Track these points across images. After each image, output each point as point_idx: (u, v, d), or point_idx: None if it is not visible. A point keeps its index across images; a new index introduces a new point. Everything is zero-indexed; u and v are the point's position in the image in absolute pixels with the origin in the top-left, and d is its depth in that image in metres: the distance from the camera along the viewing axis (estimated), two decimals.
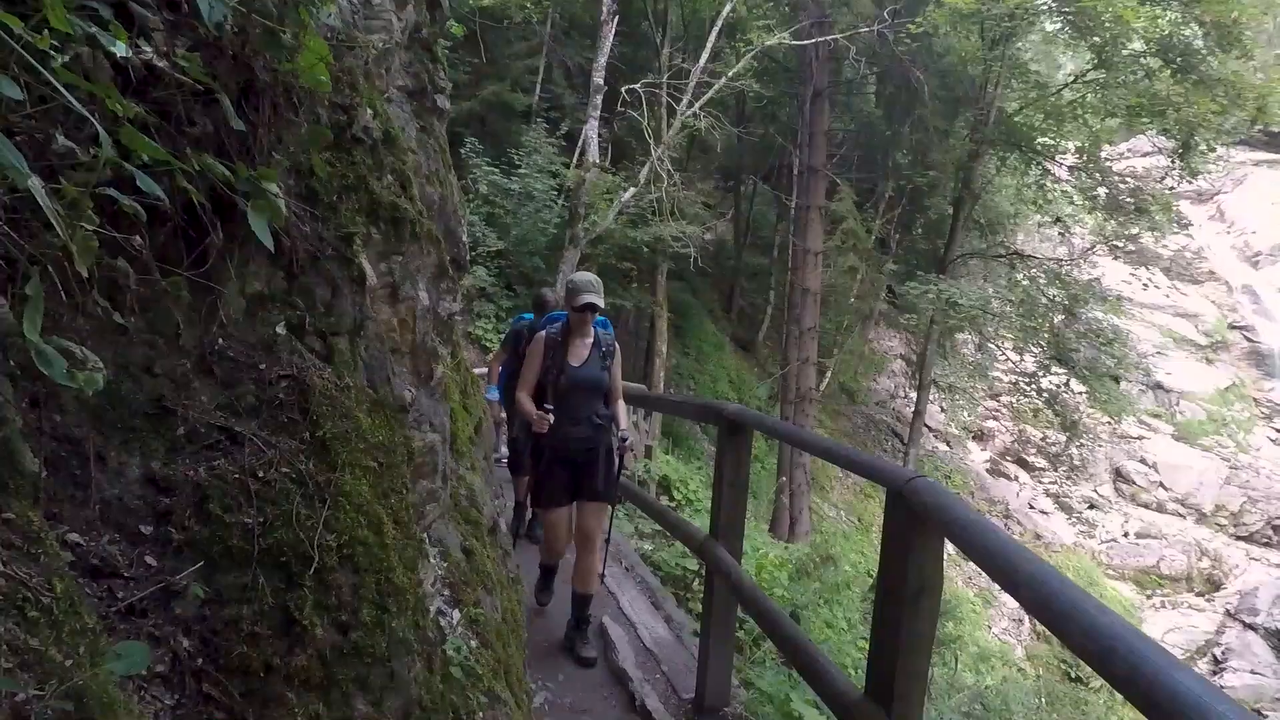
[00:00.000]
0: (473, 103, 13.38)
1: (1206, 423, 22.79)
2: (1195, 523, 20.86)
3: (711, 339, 21.37)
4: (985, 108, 12.17)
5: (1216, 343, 25.21)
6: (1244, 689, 16.69)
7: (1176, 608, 18.61)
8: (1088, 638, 0.92)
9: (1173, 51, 11.05)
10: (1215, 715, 0.71)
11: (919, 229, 16.92)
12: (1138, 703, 0.80)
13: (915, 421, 13.73)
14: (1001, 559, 1.18)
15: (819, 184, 14.21)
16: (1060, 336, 13.25)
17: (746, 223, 23.05)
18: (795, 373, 14.59)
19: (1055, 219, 13.22)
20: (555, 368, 3.50)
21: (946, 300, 11.15)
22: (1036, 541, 20.05)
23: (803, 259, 14.47)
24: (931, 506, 1.44)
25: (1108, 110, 11.54)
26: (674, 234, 13.49)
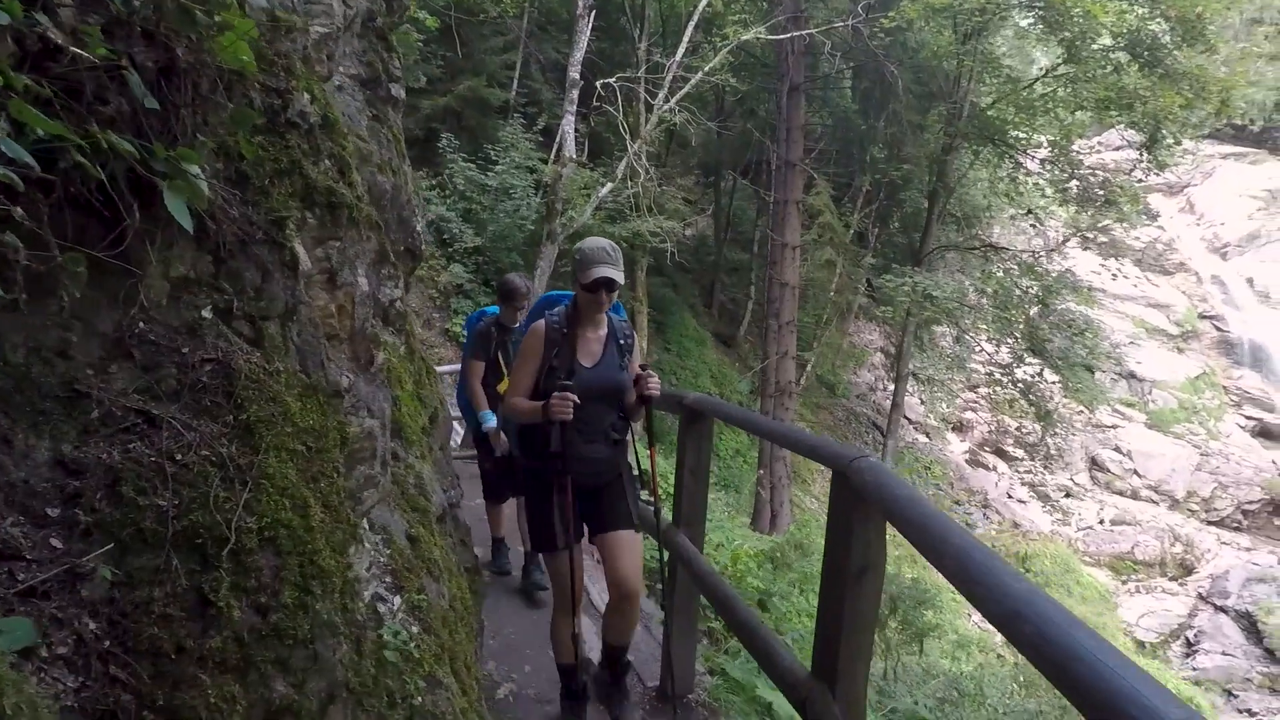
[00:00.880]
0: (449, 98, 13.29)
1: (1178, 411, 23.21)
2: (1168, 509, 21.25)
3: (693, 334, 21.42)
4: (958, 102, 12.29)
5: (1187, 332, 25.68)
6: (1215, 670, 17.05)
7: (1150, 592, 18.96)
8: (998, 602, 0.94)
9: (1140, 46, 11.22)
10: (1106, 669, 0.72)
11: (896, 223, 17.07)
12: (1043, 666, 0.81)
13: (893, 413, 13.86)
14: (933, 534, 1.20)
15: (796, 178, 14.26)
16: (1035, 327, 13.42)
17: (727, 218, 23.11)
18: (774, 366, 14.65)
19: (1027, 210, 13.41)
20: (561, 369, 2.60)
21: (922, 293, 11.26)
22: (1015, 530, 20.34)
23: (780, 253, 14.52)
24: (872, 485, 1.46)
25: (1077, 104, 11.70)
26: (652, 229, 13.49)
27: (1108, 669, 0.73)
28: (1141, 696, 0.69)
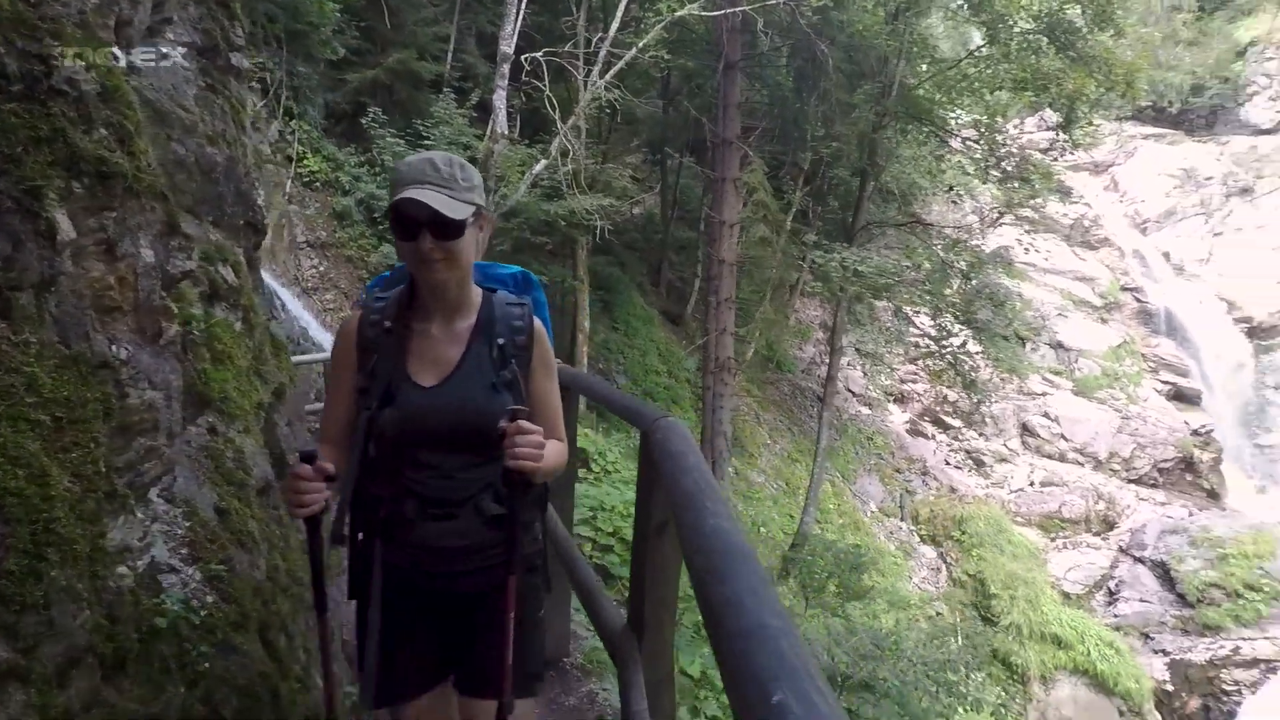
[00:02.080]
0: (377, 71, 12.93)
1: (1101, 377, 24.29)
2: (1092, 469, 22.31)
3: (640, 313, 21.47)
4: (887, 81, 12.49)
5: (1110, 304, 26.82)
6: (1134, 616, 18.11)
7: (1077, 547, 19.94)
8: (699, 549, 1.00)
9: (1058, 29, 11.56)
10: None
11: (833, 200, 17.33)
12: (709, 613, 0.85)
13: (828, 386, 14.20)
14: (695, 506, 1.25)
15: (732, 156, 14.34)
16: (968, 301, 13.86)
17: (674, 196, 23.14)
18: (714, 343, 14.82)
19: (949, 188, 13.77)
20: (374, 392, 1.60)
21: (851, 269, 11.50)
22: (951, 494, 21.12)
23: (718, 231, 14.64)
24: (660, 446, 1.52)
25: (997, 84, 12.03)
26: (590, 207, 13.42)
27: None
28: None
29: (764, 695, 0.69)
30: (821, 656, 6.99)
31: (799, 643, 0.80)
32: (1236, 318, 28.14)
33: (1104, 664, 15.45)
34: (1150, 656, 17.21)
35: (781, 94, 15.57)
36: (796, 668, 0.73)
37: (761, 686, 0.71)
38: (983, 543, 18.63)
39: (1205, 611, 17.20)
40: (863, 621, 9.10)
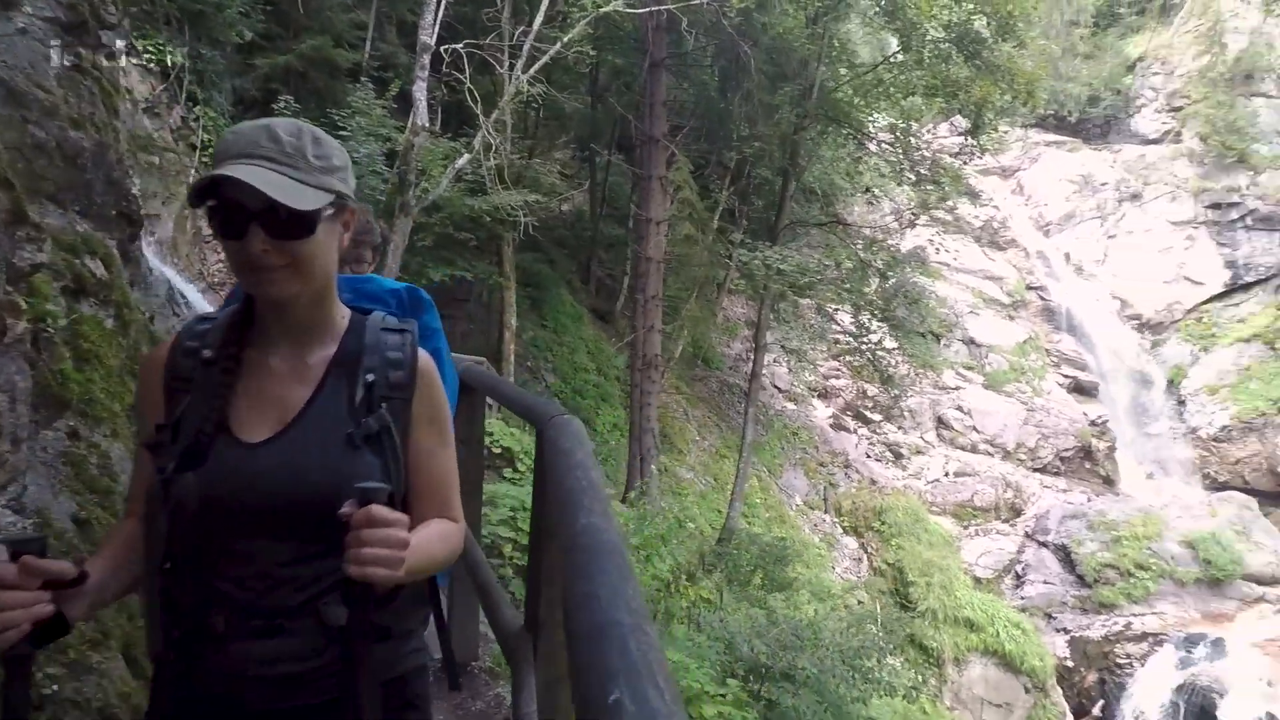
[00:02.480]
0: (289, 57, 12.40)
1: (1009, 371, 25.65)
2: (1001, 460, 23.53)
3: (569, 310, 21.36)
4: (808, 83, 12.82)
5: (1017, 301, 28.36)
6: (1038, 597, 19.21)
7: (987, 534, 21.00)
8: (568, 546, 1.01)
9: (966, 39, 12.14)
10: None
11: (757, 199, 17.67)
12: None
13: (753, 382, 14.49)
14: (571, 503, 1.26)
15: (659, 154, 14.44)
16: (887, 299, 14.39)
17: (602, 193, 23.08)
18: (641, 340, 14.90)
19: (867, 189, 14.30)
20: (178, 445, 1.13)
21: (774, 267, 11.77)
22: (872, 486, 21.89)
23: (645, 229, 14.73)
24: (551, 441, 1.51)
25: (910, 90, 12.54)
26: (515, 203, 13.26)
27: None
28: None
29: (602, 694, 0.70)
30: (743, 649, 7.12)
31: (650, 640, 0.81)
32: (1128, 315, 30.22)
33: (1011, 644, 16.32)
34: (1053, 635, 18.32)
35: (707, 93, 15.77)
36: (639, 666, 0.74)
37: (602, 685, 0.71)
38: (901, 532, 19.36)
39: (1101, 591, 18.42)
40: (785, 612, 9.32)
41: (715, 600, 9.03)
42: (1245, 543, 18.53)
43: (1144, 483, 25.01)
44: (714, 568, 13.80)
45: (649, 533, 6.90)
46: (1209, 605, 17.88)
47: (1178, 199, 30.57)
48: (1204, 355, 28.21)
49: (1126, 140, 33.43)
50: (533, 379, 18.99)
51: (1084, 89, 34.03)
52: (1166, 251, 30.28)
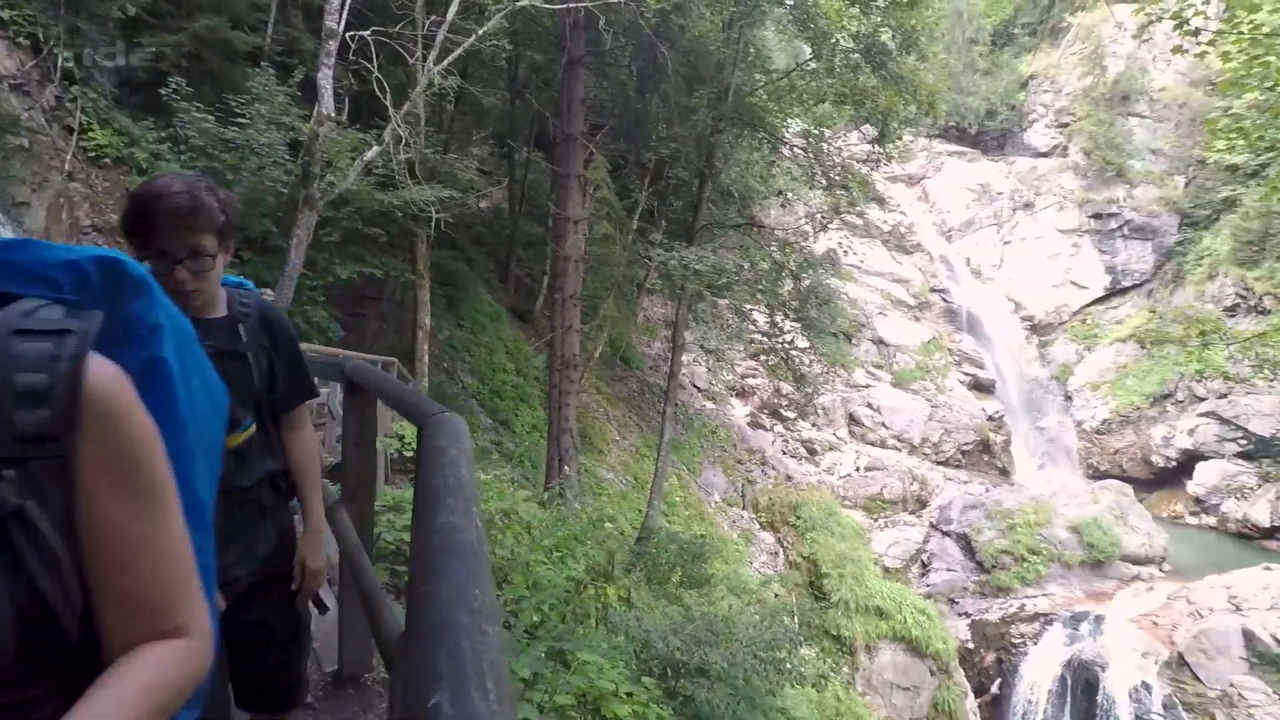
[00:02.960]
0: (181, 36, 11.64)
1: (915, 370, 26.87)
2: (908, 454, 24.60)
3: (488, 310, 20.99)
4: (723, 86, 13.02)
5: (922, 303, 29.76)
6: (942, 584, 20.16)
7: (896, 525, 21.89)
8: (421, 546, 0.96)
9: (873, 50, 12.62)
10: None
11: (676, 200, 17.83)
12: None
13: (671, 382, 14.59)
14: (433, 499, 1.20)
15: (577, 152, 14.33)
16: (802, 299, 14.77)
17: (522, 191, 22.78)
18: (560, 340, 14.76)
19: (778, 192, 14.68)
20: None
21: (690, 267, 11.88)
22: (788, 482, 22.46)
23: (563, 227, 14.59)
24: (429, 440, 1.45)
25: (821, 97, 12.94)
26: (429, 198, 12.88)
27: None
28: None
29: (424, 697, 0.65)
30: (659, 646, 7.12)
31: (489, 641, 0.77)
32: (1022, 316, 32.24)
33: (918, 630, 17.06)
34: (956, 619, 19.29)
35: (625, 93, 15.79)
36: (467, 669, 0.69)
37: (425, 687, 0.66)
38: (815, 526, 19.93)
39: (998, 575, 19.51)
40: (702, 608, 9.41)
41: (633, 599, 9.03)
42: (1122, 526, 20.02)
43: (1036, 473, 26.72)
44: (633, 566, 13.84)
45: (563, 533, 6.82)
46: (1092, 585, 19.23)
47: (1065, 209, 32.82)
48: (1087, 354, 30.41)
49: (1020, 153, 35.64)
50: (449, 380, 18.57)
51: (983, 103, 36.09)
52: (1055, 258, 32.47)
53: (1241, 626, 15.76)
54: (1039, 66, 36.16)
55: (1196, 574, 18.82)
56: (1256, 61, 6.80)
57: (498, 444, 16.94)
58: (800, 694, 12.60)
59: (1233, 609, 16.40)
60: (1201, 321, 18.66)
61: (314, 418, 9.12)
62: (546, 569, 6.53)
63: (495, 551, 6.10)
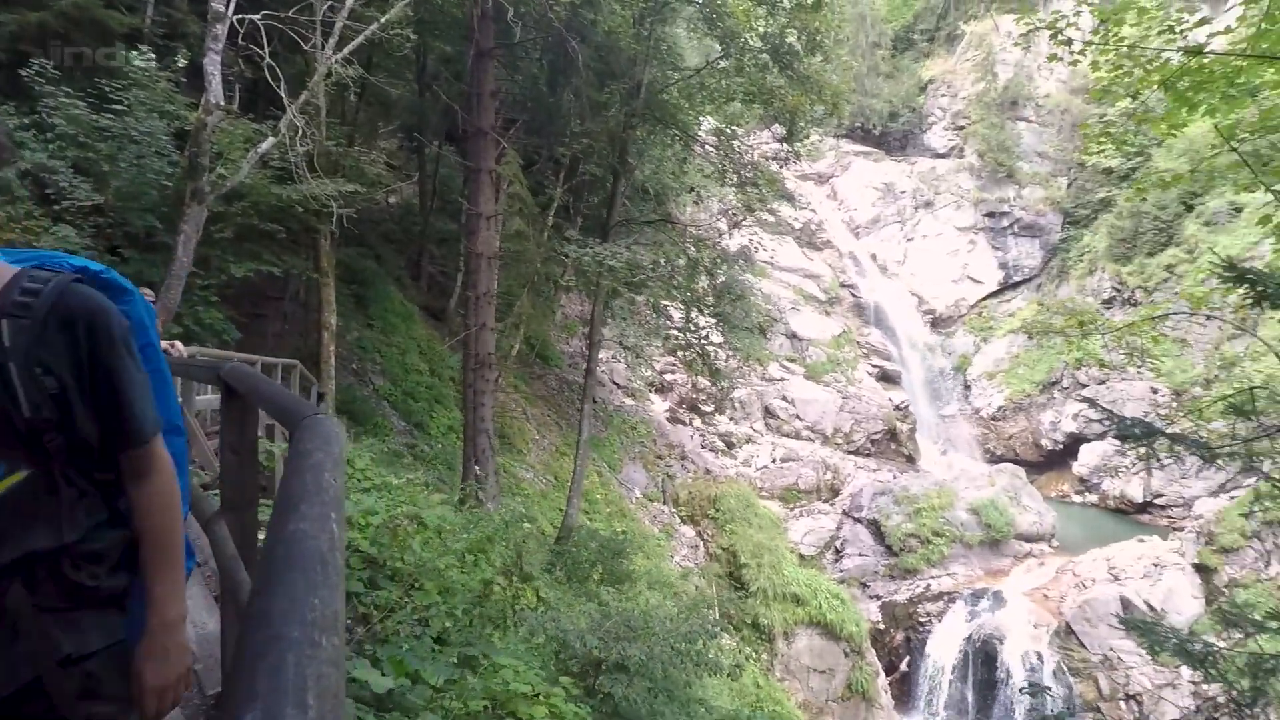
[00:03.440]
0: (45, 14, 10.68)
1: (826, 363, 27.77)
2: (821, 444, 25.41)
3: (399, 309, 20.35)
4: (635, 82, 13.04)
5: (832, 298, 30.81)
6: (854, 568, 20.91)
7: (810, 514, 22.56)
8: (266, 555, 0.89)
9: (780, 50, 12.93)
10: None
11: (592, 196, 17.76)
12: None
13: (588, 379, 14.53)
14: (294, 497, 1.12)
15: (488, 147, 14.06)
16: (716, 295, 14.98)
17: (433, 186, 22.16)
18: (474, 338, 14.46)
19: (691, 189, 14.86)
20: None
21: (604, 263, 11.85)
22: (707, 475, 22.79)
23: (476, 223, 14.28)
24: (299, 443, 1.36)
25: (731, 95, 13.17)
26: (331, 193, 12.33)
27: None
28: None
29: (238, 716, 0.59)
30: (576, 645, 7.08)
31: (321, 656, 0.71)
32: (924, 310, 33.87)
33: (832, 614, 17.65)
34: (867, 602, 20.09)
35: (537, 87, 15.60)
36: (287, 686, 0.64)
37: (240, 707, 0.60)
38: (734, 518, 20.29)
39: (906, 558, 20.43)
40: (620, 604, 9.42)
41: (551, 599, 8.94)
42: (1016, 507, 21.34)
43: (939, 459, 28.14)
44: (553, 566, 13.73)
45: (476, 536, 6.66)
46: (990, 563, 20.41)
47: (962, 207, 34.69)
48: (984, 345, 32.28)
49: (921, 153, 37.42)
50: (359, 382, 17.91)
51: (886, 105, 37.68)
52: (954, 254, 34.28)
53: (1119, 595, 17.09)
54: (937, 71, 38.04)
55: (1081, 548, 20.27)
56: (1122, 72, 7.35)
57: (412, 447, 16.46)
58: (721, 684, 12.83)
59: (1112, 579, 17.76)
60: (1081, 313, 20.10)
61: (209, 426, 8.55)
62: (459, 573, 6.37)
63: (403, 558, 5.90)
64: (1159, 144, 26.19)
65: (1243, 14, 7.04)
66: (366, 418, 16.38)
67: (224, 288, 12.40)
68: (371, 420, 16.51)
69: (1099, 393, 26.47)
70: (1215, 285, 5.69)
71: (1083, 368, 27.59)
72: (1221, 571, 17.59)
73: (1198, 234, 26.49)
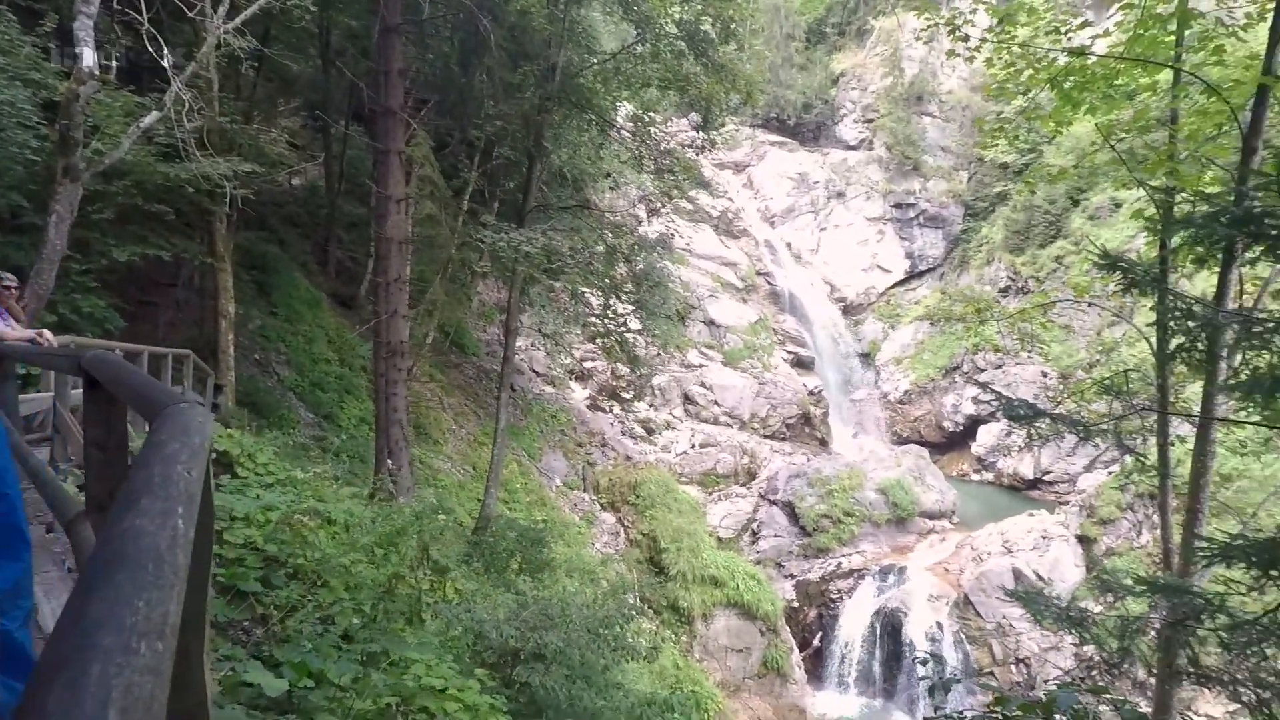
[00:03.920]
0: None
1: (743, 350, 28.34)
2: (739, 430, 25.95)
3: (305, 296, 19.45)
4: (549, 65, 12.81)
5: (749, 286, 31.42)
6: (770, 549, 21.50)
7: (728, 498, 23.03)
8: (95, 554, 0.80)
9: (696, 38, 12.98)
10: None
11: (508, 181, 17.40)
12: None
13: (505, 367, 14.30)
14: (138, 491, 1.02)
15: (396, 127, 13.53)
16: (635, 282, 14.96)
17: (340, 168, 21.18)
18: (385, 326, 13.95)
19: (607, 175, 14.79)
20: None
21: (520, 249, 11.64)
22: (627, 462, 22.90)
23: (386, 206, 13.75)
24: (153, 434, 1.25)
25: (647, 81, 13.14)
26: (225, 172, 11.59)
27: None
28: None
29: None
30: (492, 635, 6.99)
31: (133, 663, 0.64)
32: (836, 298, 35.03)
33: (749, 594, 18.11)
34: (783, 581, 20.72)
35: (448, 67, 15.11)
36: (84, 700, 0.57)
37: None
38: (654, 504, 20.49)
39: (819, 538, 21.17)
40: (540, 593, 9.35)
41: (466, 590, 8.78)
42: (921, 486, 22.44)
43: (850, 441, 29.25)
44: (470, 557, 13.51)
45: (386, 530, 6.45)
46: (896, 540, 21.41)
47: (871, 198, 35.99)
48: (892, 332, 33.70)
49: (833, 145, 38.53)
50: (262, 373, 17.06)
51: (799, 96, 38.56)
52: (864, 244, 35.57)
53: (1012, 566, 18.27)
54: (848, 65, 39.19)
55: (979, 524, 21.54)
56: (1014, 70, 7.75)
57: (320, 439, 15.83)
58: (640, 667, 12.96)
59: (1005, 551, 18.96)
60: (978, 301, 21.26)
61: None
62: (367, 568, 6.15)
63: (306, 555, 5.64)
64: (1050, 141, 27.91)
65: (1121, 19, 7.54)
66: (271, 410, 15.64)
67: (106, 273, 11.51)
68: (277, 412, 15.79)
69: (995, 377, 28.12)
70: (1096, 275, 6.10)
71: (980, 353, 29.21)
72: (1100, 541, 19.07)
73: (1083, 228, 28.42)
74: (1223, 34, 6.69)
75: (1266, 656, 3.79)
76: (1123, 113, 8.27)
